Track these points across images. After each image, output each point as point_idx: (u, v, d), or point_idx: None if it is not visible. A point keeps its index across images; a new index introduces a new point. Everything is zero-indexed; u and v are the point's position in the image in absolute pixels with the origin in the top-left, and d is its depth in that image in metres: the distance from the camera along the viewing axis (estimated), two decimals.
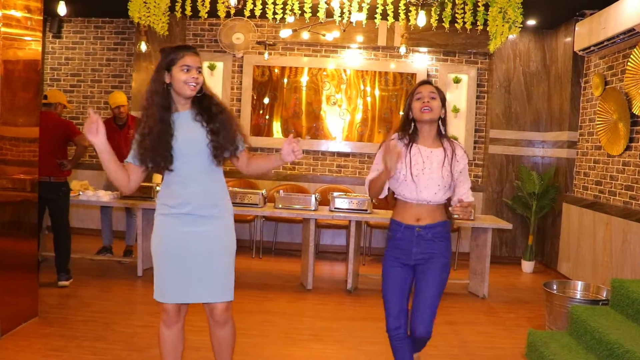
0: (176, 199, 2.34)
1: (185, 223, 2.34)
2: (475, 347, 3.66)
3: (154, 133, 2.27)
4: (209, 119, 2.34)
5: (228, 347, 2.50)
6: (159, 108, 2.29)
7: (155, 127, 2.27)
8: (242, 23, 6.46)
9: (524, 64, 6.36)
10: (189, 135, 2.32)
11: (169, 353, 2.44)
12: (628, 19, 4.50)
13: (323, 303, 4.52)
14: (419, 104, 2.48)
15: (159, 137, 2.27)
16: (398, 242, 2.53)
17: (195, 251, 2.34)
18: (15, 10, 3.39)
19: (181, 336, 2.48)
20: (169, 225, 2.35)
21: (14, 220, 3.56)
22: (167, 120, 2.30)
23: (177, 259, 2.34)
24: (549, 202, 5.96)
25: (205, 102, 2.37)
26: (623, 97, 4.73)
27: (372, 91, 6.65)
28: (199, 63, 2.31)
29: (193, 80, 2.27)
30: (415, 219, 2.50)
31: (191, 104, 2.37)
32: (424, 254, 2.49)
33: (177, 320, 2.43)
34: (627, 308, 3.30)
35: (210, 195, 2.37)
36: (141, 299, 4.46)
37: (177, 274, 2.34)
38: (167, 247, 2.35)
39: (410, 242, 2.50)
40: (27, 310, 3.65)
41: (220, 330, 2.46)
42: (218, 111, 2.36)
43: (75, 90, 6.92)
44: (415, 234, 2.49)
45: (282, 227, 6.60)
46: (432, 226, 2.49)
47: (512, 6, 4.38)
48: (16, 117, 3.51)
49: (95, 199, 5.01)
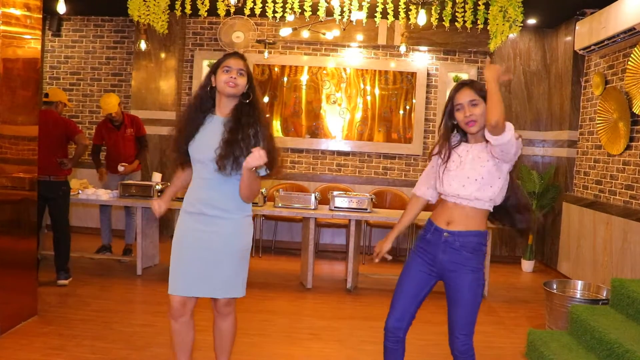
0: (191, 197, 2.46)
1: (195, 221, 2.43)
2: (475, 347, 3.64)
3: (178, 130, 2.45)
4: (233, 127, 2.33)
5: (227, 339, 2.62)
6: (193, 108, 2.45)
7: (181, 125, 2.45)
8: (242, 21, 6.45)
9: (525, 63, 6.36)
10: (206, 138, 2.37)
11: (177, 344, 2.57)
12: (628, 18, 4.50)
13: (323, 302, 4.51)
14: (461, 116, 2.25)
15: (180, 135, 2.42)
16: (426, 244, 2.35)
17: (202, 249, 2.42)
18: (15, 8, 3.38)
19: (189, 328, 2.57)
20: (183, 222, 2.48)
21: (14, 218, 3.55)
22: (196, 121, 2.41)
23: (186, 254, 2.45)
24: (549, 201, 5.95)
25: (243, 110, 2.38)
26: (623, 97, 4.73)
27: (372, 90, 6.65)
28: (241, 65, 2.38)
29: (231, 80, 2.34)
30: (445, 222, 2.29)
31: (231, 111, 2.40)
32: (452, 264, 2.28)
33: (182, 313, 2.51)
34: (627, 308, 3.30)
35: (219, 199, 2.40)
36: (140, 298, 4.46)
37: (184, 268, 2.45)
38: (178, 242, 2.48)
39: (437, 246, 2.30)
40: (26, 309, 3.64)
41: (222, 322, 2.59)
42: (247, 122, 2.33)
43: (75, 89, 6.91)
44: (443, 239, 2.28)
45: (282, 226, 6.60)
46: (463, 234, 2.25)
47: (512, 5, 4.38)
48: (15, 115, 3.50)
49: (94, 198, 5.00)
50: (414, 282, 2.35)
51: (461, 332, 2.28)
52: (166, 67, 6.57)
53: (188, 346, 2.59)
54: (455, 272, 2.27)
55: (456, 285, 2.28)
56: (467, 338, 2.28)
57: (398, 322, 2.35)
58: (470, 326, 2.29)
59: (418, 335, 3.39)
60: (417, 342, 3.46)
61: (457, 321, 2.28)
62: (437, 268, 2.31)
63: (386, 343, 2.39)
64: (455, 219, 2.26)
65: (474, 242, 2.25)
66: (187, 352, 2.60)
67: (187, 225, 2.45)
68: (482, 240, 2.27)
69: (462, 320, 2.27)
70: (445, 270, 2.30)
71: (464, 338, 2.28)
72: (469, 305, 2.27)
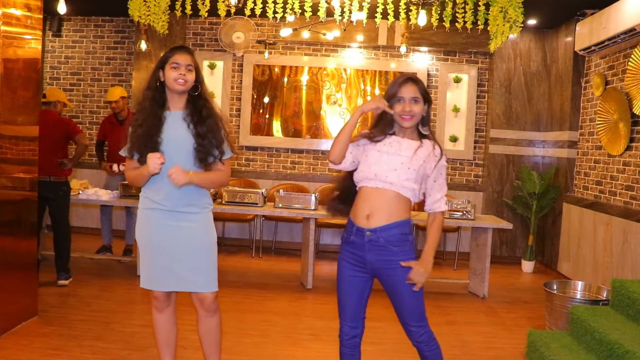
0: (160, 194, 2.42)
1: (167, 217, 2.43)
2: (475, 348, 3.65)
3: (145, 126, 2.37)
4: (198, 121, 2.40)
5: (216, 337, 2.59)
6: (152, 102, 2.41)
7: (147, 120, 2.38)
8: (242, 22, 6.45)
9: (525, 63, 6.36)
10: (175, 135, 2.40)
11: (162, 336, 2.59)
12: (629, 19, 4.50)
13: (323, 303, 4.51)
14: (400, 108, 2.24)
15: (149, 131, 2.36)
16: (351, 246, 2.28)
17: (176, 244, 2.43)
18: (15, 8, 3.39)
19: (173, 319, 2.61)
20: (153, 219, 2.45)
21: (14, 219, 3.55)
22: (159, 116, 2.40)
23: (161, 250, 2.44)
24: (549, 202, 5.95)
25: (198, 103, 2.44)
26: (624, 97, 4.73)
27: (372, 90, 6.65)
28: (189, 61, 2.39)
29: (181, 77, 2.36)
30: (365, 216, 2.22)
31: (185, 104, 2.45)
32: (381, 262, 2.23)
33: (167, 304, 2.56)
34: (627, 308, 3.30)
35: (190, 194, 2.43)
36: (141, 298, 4.45)
37: (161, 265, 2.45)
38: (151, 239, 2.45)
39: (362, 247, 2.24)
40: (26, 309, 3.64)
41: (210, 320, 2.55)
42: (207, 115, 2.42)
43: (75, 89, 6.91)
44: (366, 239, 2.22)
45: (282, 227, 6.60)
46: (384, 228, 2.20)
47: (512, 6, 4.37)
48: (16, 115, 3.50)
49: (95, 198, 5.00)
50: (352, 288, 2.31)
51: (412, 323, 2.26)
52: None
53: (173, 340, 2.62)
54: (387, 269, 2.22)
55: (391, 281, 2.24)
56: (421, 328, 2.26)
57: (352, 330, 2.34)
58: (420, 315, 2.26)
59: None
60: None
61: (405, 314, 2.26)
62: (368, 268, 2.26)
63: (343, 350, 2.38)
64: (377, 209, 2.20)
65: (398, 234, 2.20)
66: (172, 346, 2.63)
67: (156, 222, 2.44)
68: (406, 229, 2.22)
69: (410, 313, 2.25)
70: (376, 269, 2.25)
71: (417, 329, 2.26)
72: (411, 297, 2.22)
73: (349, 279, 2.30)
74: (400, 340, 3.48)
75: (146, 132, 2.36)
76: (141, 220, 2.49)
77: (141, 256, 2.52)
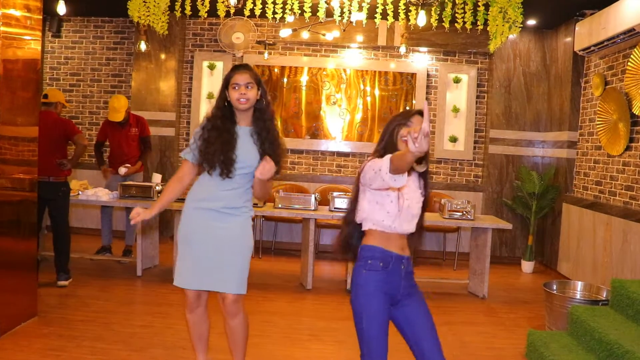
0: (208, 195, 2.58)
1: (207, 217, 2.57)
2: (475, 348, 3.65)
3: (219, 142, 2.53)
4: (263, 140, 2.58)
5: (239, 337, 2.71)
6: (224, 120, 2.58)
7: (221, 137, 2.54)
8: (241, 22, 6.45)
9: (524, 63, 6.36)
10: (245, 149, 2.57)
11: (194, 333, 2.75)
12: (628, 19, 4.50)
13: (323, 303, 4.51)
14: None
15: (224, 147, 2.53)
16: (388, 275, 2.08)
17: (214, 244, 2.56)
18: (15, 9, 3.39)
19: (204, 318, 2.76)
20: (191, 218, 2.61)
21: (13, 219, 3.55)
22: (232, 132, 2.57)
23: (198, 248, 2.58)
24: (548, 202, 5.95)
25: (263, 119, 2.61)
26: (623, 97, 4.73)
27: (372, 91, 6.65)
28: (247, 79, 2.54)
29: (242, 97, 2.53)
30: (400, 249, 2.12)
31: (251, 120, 2.62)
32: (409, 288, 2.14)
33: (197, 305, 2.69)
34: (627, 308, 3.30)
35: (238, 197, 2.59)
36: (140, 299, 4.46)
37: (196, 263, 2.58)
38: (187, 237, 2.60)
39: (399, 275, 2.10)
40: (26, 310, 3.64)
41: (231, 321, 2.67)
42: (270, 134, 2.60)
43: (75, 90, 6.91)
44: (403, 266, 2.11)
45: (282, 227, 6.60)
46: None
47: (512, 6, 4.38)
48: (15, 116, 3.50)
49: (94, 199, 5.00)
50: (386, 325, 2.09)
51: (442, 353, 2.10)
52: (166, 68, 6.57)
53: (205, 335, 2.78)
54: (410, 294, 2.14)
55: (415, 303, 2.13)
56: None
57: None
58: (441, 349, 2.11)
59: None
60: None
61: (436, 343, 2.09)
62: (395, 298, 2.11)
63: None
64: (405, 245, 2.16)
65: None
66: (204, 340, 2.79)
67: (197, 222, 2.58)
68: None
69: (437, 340, 2.10)
70: (402, 296, 2.11)
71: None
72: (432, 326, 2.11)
73: (385, 315, 2.08)
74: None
75: (221, 149, 2.52)
76: (184, 218, 2.64)
77: (178, 253, 2.67)
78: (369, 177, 1.98)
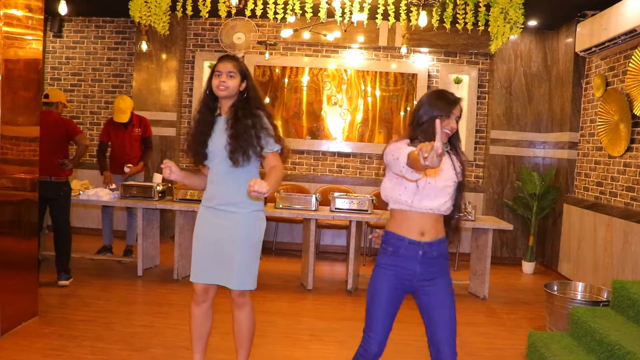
0: (208, 193, 2.67)
1: (212, 215, 2.64)
2: (475, 348, 3.65)
3: (194, 131, 2.63)
4: (233, 123, 2.55)
5: (245, 331, 2.76)
6: (204, 109, 2.64)
7: (196, 127, 2.63)
8: (243, 23, 6.46)
9: (525, 64, 6.36)
10: (218, 137, 2.59)
11: (196, 329, 2.77)
12: (629, 20, 4.50)
13: (323, 303, 4.51)
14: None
15: (197, 136, 2.60)
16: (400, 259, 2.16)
17: (215, 240, 2.62)
18: (17, 9, 3.39)
19: (209, 314, 2.79)
20: (201, 215, 2.70)
21: (15, 219, 3.56)
22: (209, 122, 2.62)
23: (204, 244, 2.65)
24: (549, 203, 5.95)
25: (240, 109, 2.58)
26: (624, 98, 4.73)
27: (372, 91, 6.65)
28: (230, 68, 2.56)
29: (221, 84, 2.56)
30: (419, 233, 2.16)
31: (229, 108, 2.61)
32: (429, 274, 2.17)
33: (204, 299, 2.74)
34: (627, 309, 3.30)
35: (230, 193, 2.59)
36: (141, 299, 4.46)
37: (202, 258, 2.66)
38: (197, 234, 2.70)
39: (414, 259, 2.15)
40: (27, 309, 3.64)
41: (237, 312, 2.73)
42: (243, 115, 2.55)
43: (76, 90, 6.92)
44: (420, 251, 2.15)
45: (283, 227, 6.60)
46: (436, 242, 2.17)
47: (513, 7, 4.38)
48: (17, 116, 3.50)
49: (95, 199, 5.01)
50: (391, 300, 2.17)
51: (454, 346, 2.13)
52: (167, 68, 6.57)
53: (205, 335, 2.80)
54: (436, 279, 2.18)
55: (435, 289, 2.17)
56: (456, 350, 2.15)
57: (380, 347, 2.18)
58: (455, 338, 2.15)
59: None
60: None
61: (450, 334, 2.13)
62: (414, 281, 2.18)
63: None
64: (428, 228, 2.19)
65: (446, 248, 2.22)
66: (203, 340, 2.80)
67: (204, 219, 2.67)
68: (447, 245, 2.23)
69: (453, 331, 2.14)
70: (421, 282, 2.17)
71: (455, 353, 2.13)
72: (452, 308, 2.16)
73: (392, 292, 2.17)
74: (400, 340, 3.48)
75: (195, 138, 2.60)
76: (198, 216, 2.73)
77: (192, 250, 2.75)
78: (388, 160, 2.10)
